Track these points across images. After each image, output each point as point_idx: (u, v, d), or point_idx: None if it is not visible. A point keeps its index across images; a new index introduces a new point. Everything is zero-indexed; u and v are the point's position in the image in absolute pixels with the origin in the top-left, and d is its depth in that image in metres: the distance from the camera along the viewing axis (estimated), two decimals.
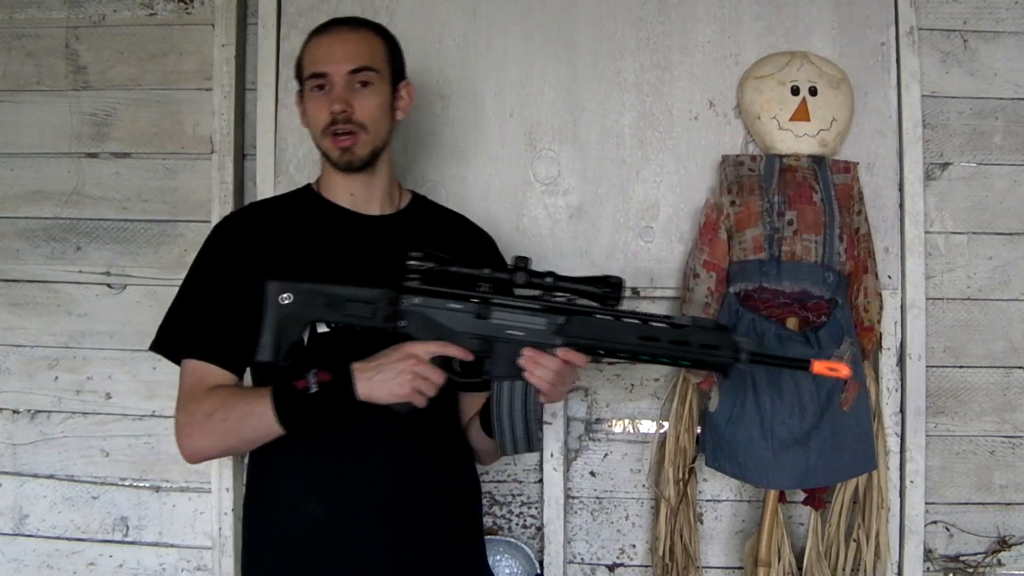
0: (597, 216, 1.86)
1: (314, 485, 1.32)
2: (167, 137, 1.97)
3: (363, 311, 1.26)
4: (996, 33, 1.88)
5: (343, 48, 1.37)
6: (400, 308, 1.27)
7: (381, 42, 1.42)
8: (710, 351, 1.24)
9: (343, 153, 1.37)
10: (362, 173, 1.41)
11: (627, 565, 1.91)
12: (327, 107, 1.36)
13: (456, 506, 1.41)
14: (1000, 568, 1.87)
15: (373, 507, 1.32)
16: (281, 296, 1.26)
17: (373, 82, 1.38)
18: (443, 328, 1.27)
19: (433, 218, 1.52)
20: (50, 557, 1.97)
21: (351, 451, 1.31)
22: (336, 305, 1.27)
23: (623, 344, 1.26)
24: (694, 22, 1.86)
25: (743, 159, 1.80)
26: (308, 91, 1.39)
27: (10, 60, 1.99)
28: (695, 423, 1.80)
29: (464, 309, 1.27)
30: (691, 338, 1.25)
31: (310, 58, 1.39)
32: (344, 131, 1.36)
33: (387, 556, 1.31)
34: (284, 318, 1.26)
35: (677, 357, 1.26)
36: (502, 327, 1.27)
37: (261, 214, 1.46)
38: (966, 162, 1.89)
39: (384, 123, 1.41)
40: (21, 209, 2.00)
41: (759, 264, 1.72)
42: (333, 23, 1.42)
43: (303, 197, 1.47)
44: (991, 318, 1.88)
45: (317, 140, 1.41)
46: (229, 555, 1.90)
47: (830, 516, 1.78)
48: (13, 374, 1.99)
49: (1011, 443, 1.88)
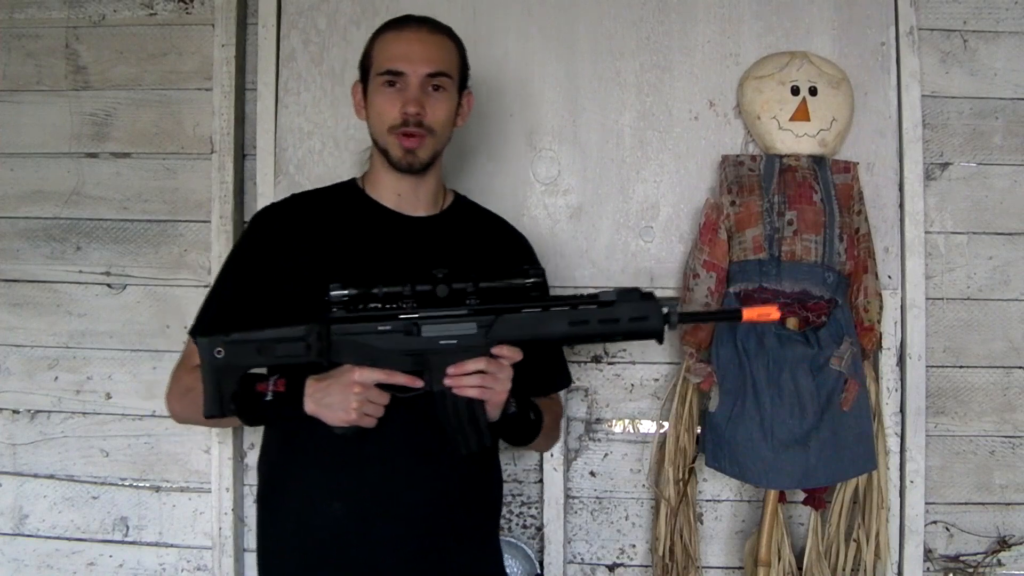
0: (597, 216, 1.86)
1: (336, 485, 1.33)
2: (167, 137, 1.97)
3: (295, 349, 1.26)
4: (996, 33, 1.88)
5: (423, 49, 1.36)
6: (331, 339, 1.26)
7: (455, 49, 1.42)
8: (640, 322, 1.26)
9: (406, 154, 1.37)
10: (414, 176, 1.41)
11: (627, 565, 1.91)
12: (399, 106, 1.35)
13: (475, 510, 1.42)
14: (1000, 568, 1.87)
15: (393, 509, 1.32)
16: (215, 351, 1.27)
17: (446, 88, 1.38)
18: (376, 351, 1.26)
19: (473, 220, 1.52)
20: (50, 557, 1.98)
21: (374, 453, 1.31)
22: (267, 349, 1.27)
23: (556, 331, 1.27)
24: (694, 22, 1.86)
25: (743, 159, 1.80)
26: (377, 85, 1.37)
27: (10, 60, 1.99)
28: (695, 423, 1.80)
29: (393, 328, 1.26)
30: (619, 313, 1.26)
31: (386, 53, 1.37)
32: (413, 132, 1.36)
33: (405, 558, 1.32)
34: (220, 371, 1.27)
35: (610, 334, 1.28)
36: (434, 339, 1.26)
37: (302, 206, 1.46)
38: (966, 162, 1.89)
39: (448, 129, 1.42)
40: (21, 209, 1.99)
41: (759, 264, 1.72)
42: (412, 20, 1.40)
43: (347, 192, 1.47)
44: (991, 318, 1.88)
45: (379, 135, 1.39)
46: (229, 555, 1.90)
47: (830, 516, 1.78)
48: (13, 374, 1.99)
49: (1011, 443, 1.88)
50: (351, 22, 1.90)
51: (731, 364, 1.72)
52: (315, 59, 1.90)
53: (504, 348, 1.26)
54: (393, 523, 1.32)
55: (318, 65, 1.89)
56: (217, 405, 1.28)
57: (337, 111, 1.89)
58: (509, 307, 1.27)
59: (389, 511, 1.32)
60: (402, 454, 1.33)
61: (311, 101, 1.89)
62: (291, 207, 1.46)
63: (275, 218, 1.44)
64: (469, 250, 1.42)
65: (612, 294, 1.27)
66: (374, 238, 1.40)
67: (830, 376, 1.69)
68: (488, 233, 1.51)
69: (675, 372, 1.84)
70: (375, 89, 1.38)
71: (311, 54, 1.90)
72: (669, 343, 1.87)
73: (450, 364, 1.26)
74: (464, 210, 1.52)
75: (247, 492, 1.95)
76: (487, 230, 1.51)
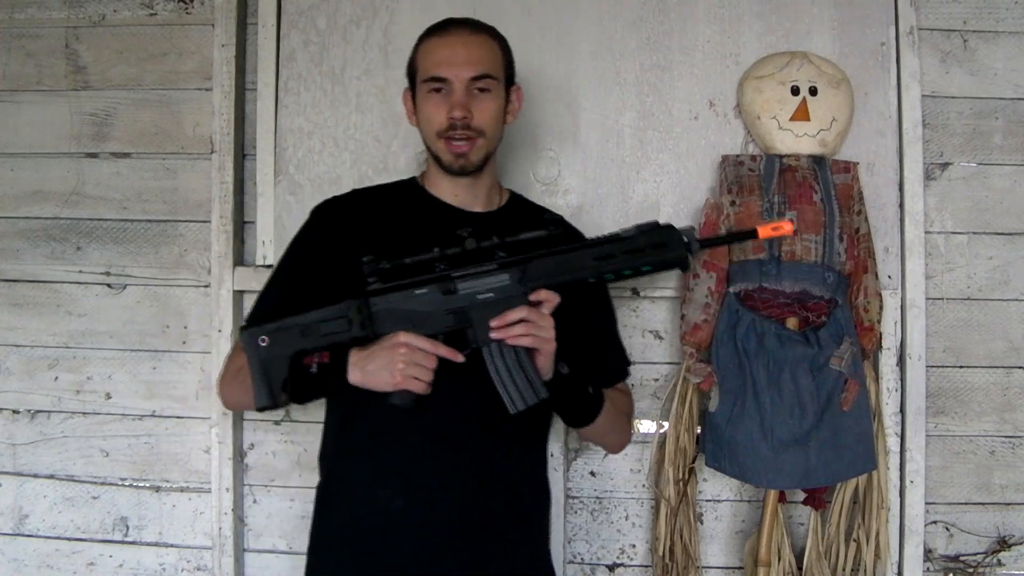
0: (597, 216, 1.86)
1: (395, 476, 1.35)
2: (167, 137, 1.97)
3: (338, 327, 1.29)
4: (996, 33, 1.88)
5: (465, 53, 1.38)
6: (372, 311, 1.29)
7: (498, 47, 1.44)
8: (662, 249, 1.30)
9: (457, 158, 1.40)
10: (469, 176, 1.43)
11: (627, 565, 1.91)
12: (446, 111, 1.38)
13: (527, 500, 1.44)
14: (1000, 568, 1.87)
15: (450, 499, 1.34)
16: (259, 339, 1.30)
17: (492, 89, 1.40)
18: (417, 314, 1.30)
19: (530, 216, 1.51)
20: (50, 557, 1.98)
21: (432, 444, 1.33)
22: (310, 330, 1.30)
23: (584, 270, 1.30)
24: (694, 22, 1.86)
25: (743, 159, 1.80)
26: (424, 92, 1.40)
27: (10, 60, 1.99)
28: (695, 423, 1.80)
29: (430, 291, 1.30)
30: (641, 242, 1.30)
31: (429, 60, 1.40)
32: (462, 136, 1.38)
33: (461, 548, 1.34)
34: (267, 361, 1.30)
35: (638, 266, 1.30)
36: (472, 294, 1.30)
37: (364, 200, 1.48)
38: (966, 162, 1.89)
39: (498, 128, 1.44)
40: (21, 209, 2.00)
41: (759, 264, 1.72)
42: (452, 24, 1.42)
43: (408, 189, 1.50)
44: (991, 318, 1.88)
45: (430, 141, 1.42)
46: (229, 555, 1.90)
47: (830, 516, 1.78)
48: (13, 374, 1.99)
49: (1011, 443, 1.88)
50: (351, 22, 1.90)
51: (731, 364, 1.72)
52: (315, 59, 1.89)
53: (542, 292, 1.29)
54: (450, 513, 1.34)
55: (318, 65, 1.89)
56: (268, 396, 1.29)
57: (337, 111, 1.89)
58: (535, 255, 1.30)
59: (446, 502, 1.34)
60: (459, 446, 1.35)
61: (311, 101, 1.89)
62: (353, 201, 1.48)
63: (338, 211, 1.46)
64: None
65: (632, 229, 1.31)
66: (435, 233, 1.41)
67: (830, 376, 1.69)
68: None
69: (675, 372, 1.84)
70: (422, 96, 1.41)
71: (311, 54, 1.90)
72: (669, 343, 1.88)
73: (491, 317, 1.28)
74: (521, 207, 1.54)
75: (247, 492, 1.95)
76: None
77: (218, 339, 1.91)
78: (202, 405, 1.95)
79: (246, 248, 1.96)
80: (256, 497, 1.95)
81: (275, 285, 1.45)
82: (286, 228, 1.87)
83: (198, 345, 1.95)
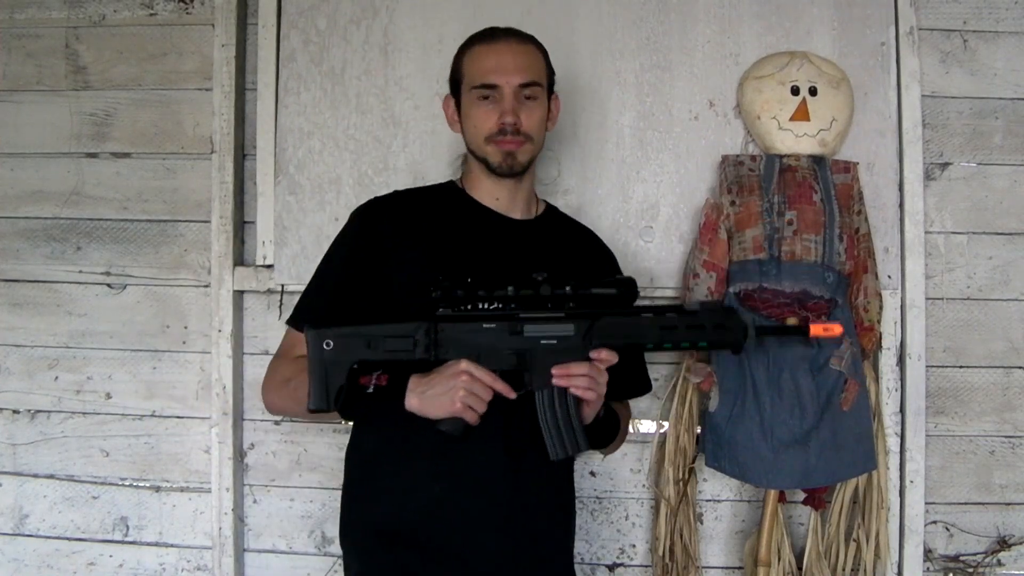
0: (597, 216, 1.86)
1: (434, 470, 1.37)
2: (167, 137, 1.97)
3: (403, 345, 1.31)
4: (996, 33, 1.88)
5: (514, 61, 1.42)
6: (438, 336, 1.31)
7: (542, 56, 1.48)
8: (722, 331, 1.34)
9: (506, 156, 1.42)
10: (512, 179, 1.46)
11: (627, 565, 1.91)
12: (496, 117, 1.40)
13: (557, 492, 1.47)
14: (1000, 568, 1.87)
15: (488, 492, 1.37)
16: (324, 343, 1.30)
17: (537, 96, 1.44)
18: (481, 347, 1.31)
19: (566, 228, 1.58)
20: (50, 557, 1.98)
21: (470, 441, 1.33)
22: (376, 343, 1.30)
23: (647, 337, 1.33)
24: (694, 22, 1.86)
25: (743, 159, 1.80)
26: (472, 99, 1.43)
27: (10, 60, 1.99)
28: (695, 423, 1.80)
29: (498, 327, 1.32)
30: (704, 321, 1.34)
31: (478, 68, 1.43)
32: (511, 140, 1.41)
33: (499, 538, 1.37)
34: (329, 364, 1.30)
35: (696, 341, 1.35)
36: (536, 338, 1.32)
37: (407, 202, 1.50)
38: (966, 162, 1.89)
39: (542, 135, 1.47)
40: (21, 209, 2.00)
41: (759, 264, 1.72)
42: (498, 33, 1.45)
43: (449, 193, 1.52)
44: (991, 318, 1.88)
45: (477, 145, 1.44)
46: (229, 555, 1.90)
47: (830, 516, 1.78)
48: (13, 374, 1.99)
49: (1011, 443, 1.88)
50: (351, 22, 1.90)
51: (731, 364, 1.72)
52: (315, 59, 1.89)
53: (603, 351, 1.31)
54: (488, 506, 1.37)
55: (318, 65, 1.89)
56: (324, 399, 1.30)
57: (337, 111, 1.89)
58: (606, 312, 1.33)
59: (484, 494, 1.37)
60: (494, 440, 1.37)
61: (311, 101, 1.89)
62: (396, 202, 1.49)
63: (381, 212, 1.47)
64: (563, 255, 1.48)
65: (695, 305, 1.37)
66: (478, 237, 1.45)
67: (830, 376, 1.69)
68: (579, 242, 1.57)
69: (675, 372, 1.84)
70: (470, 102, 1.43)
71: (311, 54, 1.90)
72: None
73: (550, 363, 1.31)
74: (556, 218, 1.58)
75: (247, 492, 1.95)
76: (577, 239, 1.58)
77: (218, 339, 1.91)
78: (202, 405, 1.95)
79: (246, 248, 1.96)
80: (256, 497, 1.95)
81: (324, 285, 1.45)
82: (286, 228, 1.88)
83: (198, 345, 1.96)
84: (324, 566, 1.92)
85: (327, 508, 1.93)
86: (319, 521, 1.94)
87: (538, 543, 1.42)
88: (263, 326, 1.96)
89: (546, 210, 1.57)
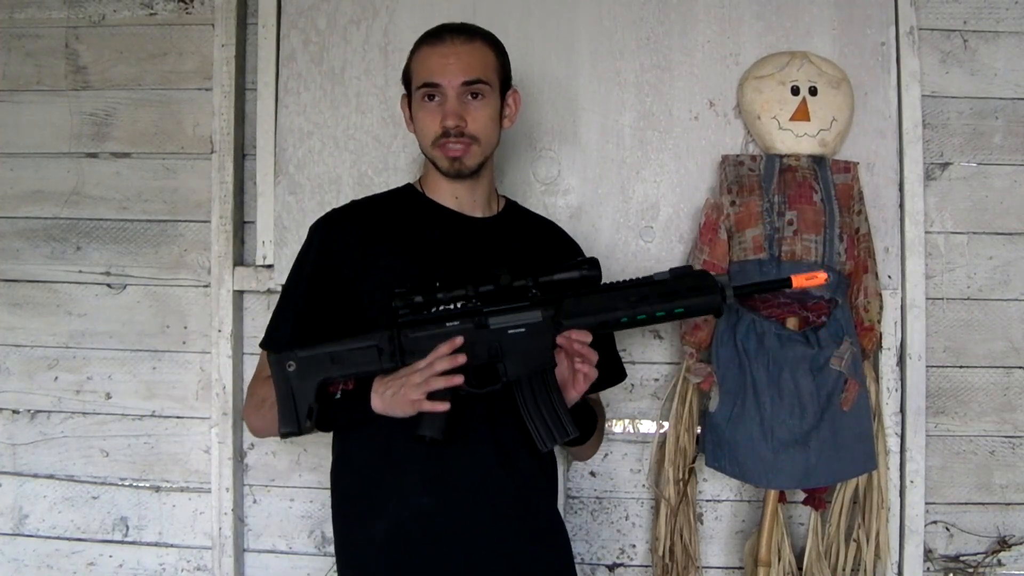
0: (597, 216, 1.86)
1: (426, 478, 1.35)
2: (167, 137, 1.97)
3: (367, 356, 1.30)
4: (996, 33, 1.88)
5: (456, 60, 1.37)
6: (403, 343, 1.30)
7: (492, 53, 1.43)
8: (697, 294, 1.28)
9: (453, 162, 1.40)
10: (468, 179, 1.43)
11: (627, 565, 1.91)
12: (439, 119, 1.38)
13: (548, 496, 1.46)
14: (1000, 568, 1.87)
15: (480, 498, 1.35)
16: (287, 365, 1.30)
17: (485, 94, 1.40)
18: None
19: (527, 223, 1.56)
20: (50, 557, 1.98)
21: (459, 445, 1.33)
22: (340, 358, 1.30)
23: (618, 310, 1.28)
24: (694, 22, 1.86)
25: (743, 159, 1.80)
26: (418, 100, 1.40)
27: (10, 60, 2.00)
28: (695, 423, 1.80)
29: (463, 325, 1.30)
30: (676, 286, 1.28)
31: (422, 67, 1.39)
32: (456, 142, 1.38)
33: (493, 546, 1.35)
34: (295, 387, 1.30)
35: (672, 308, 1.28)
36: (503, 329, 1.30)
37: (363, 211, 1.48)
38: (966, 162, 1.89)
39: (494, 134, 1.44)
40: (21, 209, 2.00)
41: (759, 264, 1.72)
42: (445, 31, 1.41)
43: (408, 196, 1.49)
44: (991, 318, 1.88)
45: (426, 149, 1.43)
46: (229, 555, 1.90)
47: (830, 516, 1.78)
48: (13, 374, 1.99)
49: (1011, 443, 1.88)
50: (351, 22, 1.90)
51: (731, 364, 1.72)
52: (315, 59, 1.89)
53: (573, 332, 1.28)
54: (481, 513, 1.35)
55: (318, 65, 1.89)
56: (293, 422, 1.29)
57: (337, 111, 1.89)
58: (570, 294, 1.30)
59: (476, 501, 1.35)
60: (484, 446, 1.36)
61: (311, 101, 1.89)
62: (354, 212, 1.48)
63: (341, 224, 1.45)
64: (526, 250, 1.45)
65: (665, 273, 1.30)
66: (439, 238, 1.43)
67: (830, 376, 1.69)
68: (542, 235, 1.55)
69: (675, 372, 1.84)
70: (416, 104, 1.41)
71: (311, 54, 1.90)
72: (669, 343, 1.88)
73: (522, 350, 1.29)
74: (518, 214, 1.56)
75: (247, 492, 1.95)
76: (541, 233, 1.55)
77: (218, 339, 1.91)
78: (202, 405, 1.95)
79: (246, 248, 1.96)
80: (256, 497, 1.96)
81: (288, 305, 1.44)
82: (286, 228, 1.88)
83: (198, 345, 1.96)
84: (324, 566, 1.92)
85: (327, 508, 1.89)
86: (319, 521, 1.94)
87: (538, 543, 1.41)
88: (263, 326, 1.91)
89: (507, 206, 1.54)
